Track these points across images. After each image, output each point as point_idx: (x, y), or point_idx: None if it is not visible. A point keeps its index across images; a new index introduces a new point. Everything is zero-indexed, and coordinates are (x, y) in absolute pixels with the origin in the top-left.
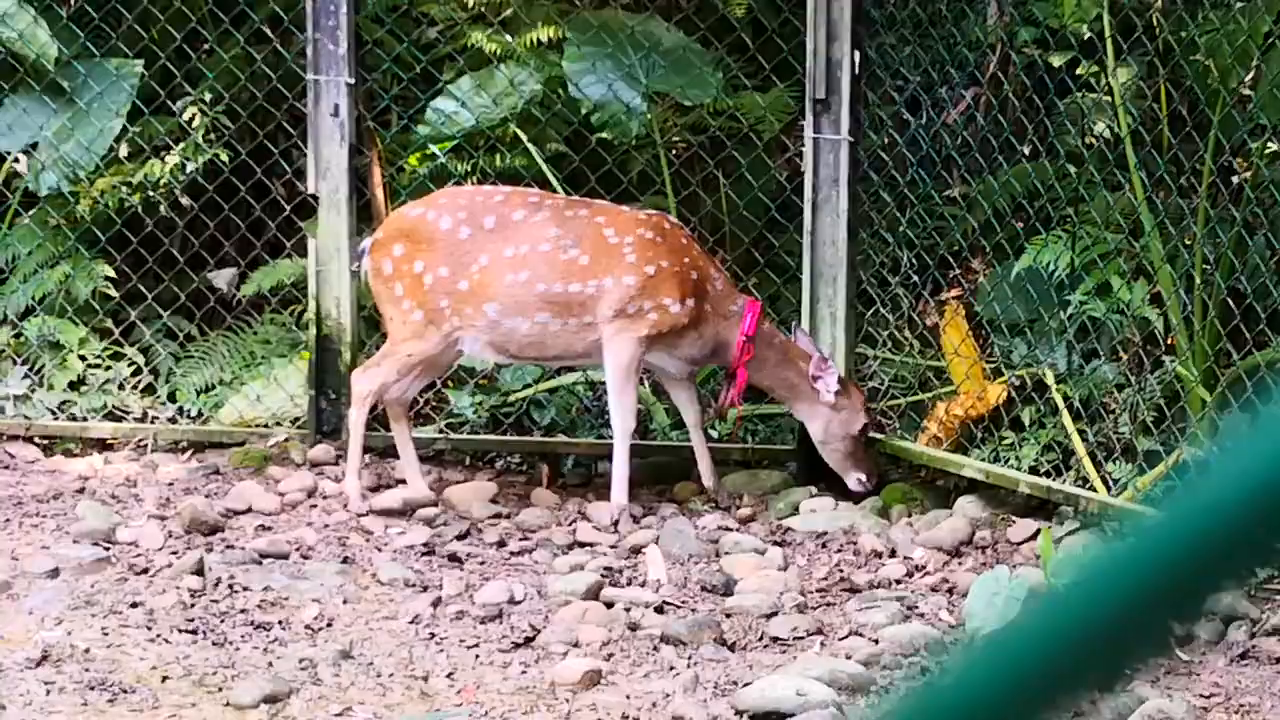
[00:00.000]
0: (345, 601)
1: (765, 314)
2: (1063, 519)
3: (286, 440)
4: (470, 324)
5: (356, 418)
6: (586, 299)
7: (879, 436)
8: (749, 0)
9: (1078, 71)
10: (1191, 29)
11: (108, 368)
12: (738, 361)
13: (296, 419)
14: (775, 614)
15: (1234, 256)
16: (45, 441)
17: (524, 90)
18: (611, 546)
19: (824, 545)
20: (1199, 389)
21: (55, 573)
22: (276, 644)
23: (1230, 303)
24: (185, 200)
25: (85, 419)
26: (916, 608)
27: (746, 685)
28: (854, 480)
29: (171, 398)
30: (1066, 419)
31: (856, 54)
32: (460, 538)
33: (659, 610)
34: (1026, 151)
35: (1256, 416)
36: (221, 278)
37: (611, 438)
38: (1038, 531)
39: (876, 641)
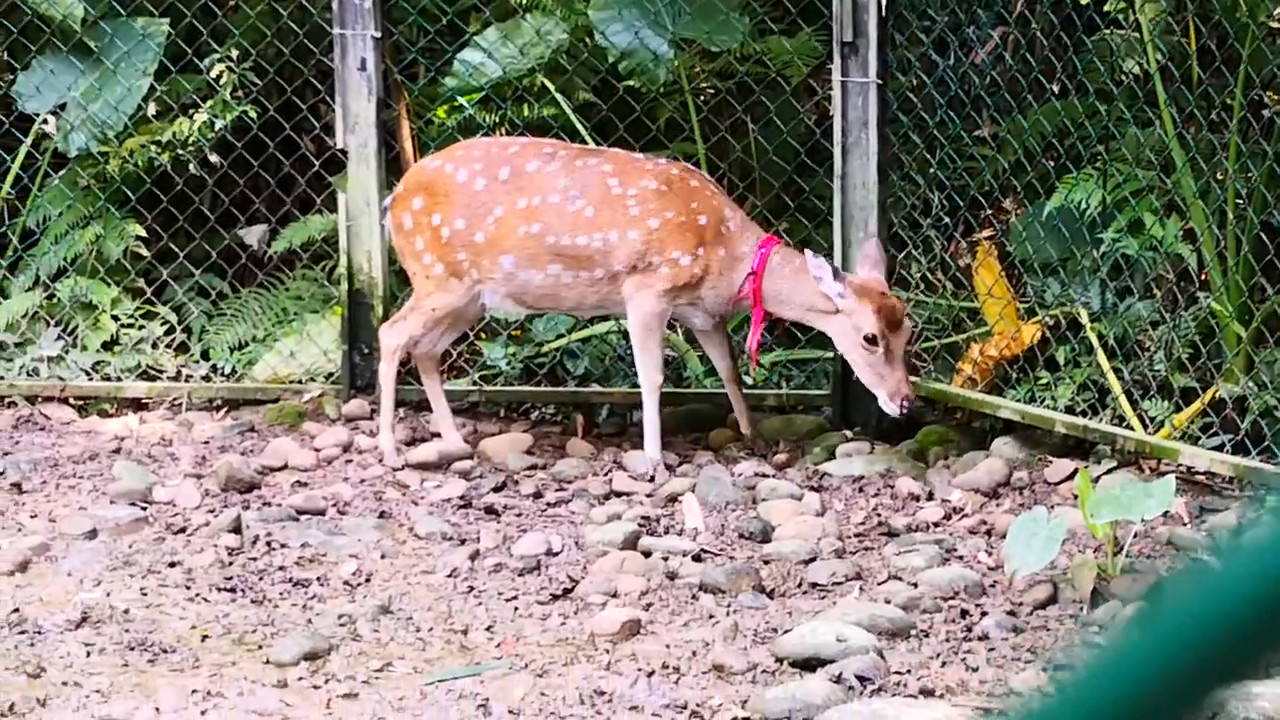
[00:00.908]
0: (383, 556)
1: (784, 245)
2: (1099, 458)
3: (321, 396)
4: (488, 276)
5: (386, 372)
6: (594, 252)
7: (915, 380)
8: None
9: (1105, 8)
10: None
11: (141, 327)
12: (752, 300)
13: (330, 374)
14: (813, 560)
15: (1266, 191)
16: (80, 402)
17: (550, 40)
18: (648, 495)
19: (861, 490)
20: (1234, 324)
21: (93, 534)
22: (315, 600)
23: (1264, 237)
24: (214, 158)
25: (119, 379)
26: (955, 550)
27: (786, 632)
28: (882, 398)
29: (205, 356)
30: (1101, 358)
31: None
32: (496, 490)
33: (697, 559)
34: (1055, 90)
35: None
36: (252, 234)
37: None
38: (1075, 471)
39: (915, 585)
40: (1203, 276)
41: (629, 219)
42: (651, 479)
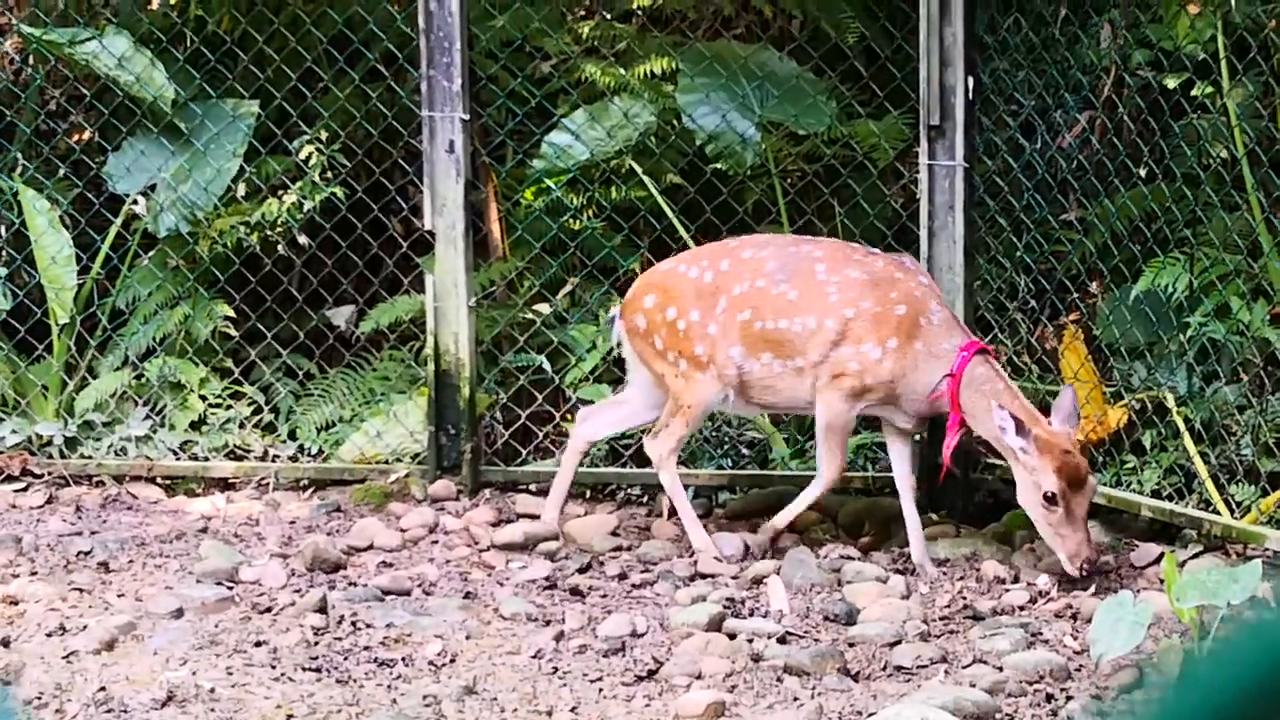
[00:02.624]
0: (468, 637)
1: (989, 356)
2: (1185, 542)
3: (407, 476)
4: (724, 371)
5: (672, 483)
6: (794, 337)
7: (998, 463)
8: (861, 28)
9: (1193, 92)
10: None
11: (228, 407)
12: (950, 404)
13: (416, 455)
14: (899, 642)
15: None
16: (167, 482)
17: (638, 122)
18: (733, 578)
19: (946, 572)
20: None
21: (179, 613)
22: (400, 681)
23: None
24: (303, 239)
25: (207, 458)
26: (1040, 634)
27: (871, 715)
28: (1062, 559)
29: (292, 436)
30: (1188, 441)
31: (970, 79)
32: (581, 571)
33: (782, 641)
34: (1143, 174)
35: None
36: (340, 315)
37: (734, 468)
38: (1161, 555)
39: (1000, 669)
40: None
41: (827, 305)
42: (743, 557)
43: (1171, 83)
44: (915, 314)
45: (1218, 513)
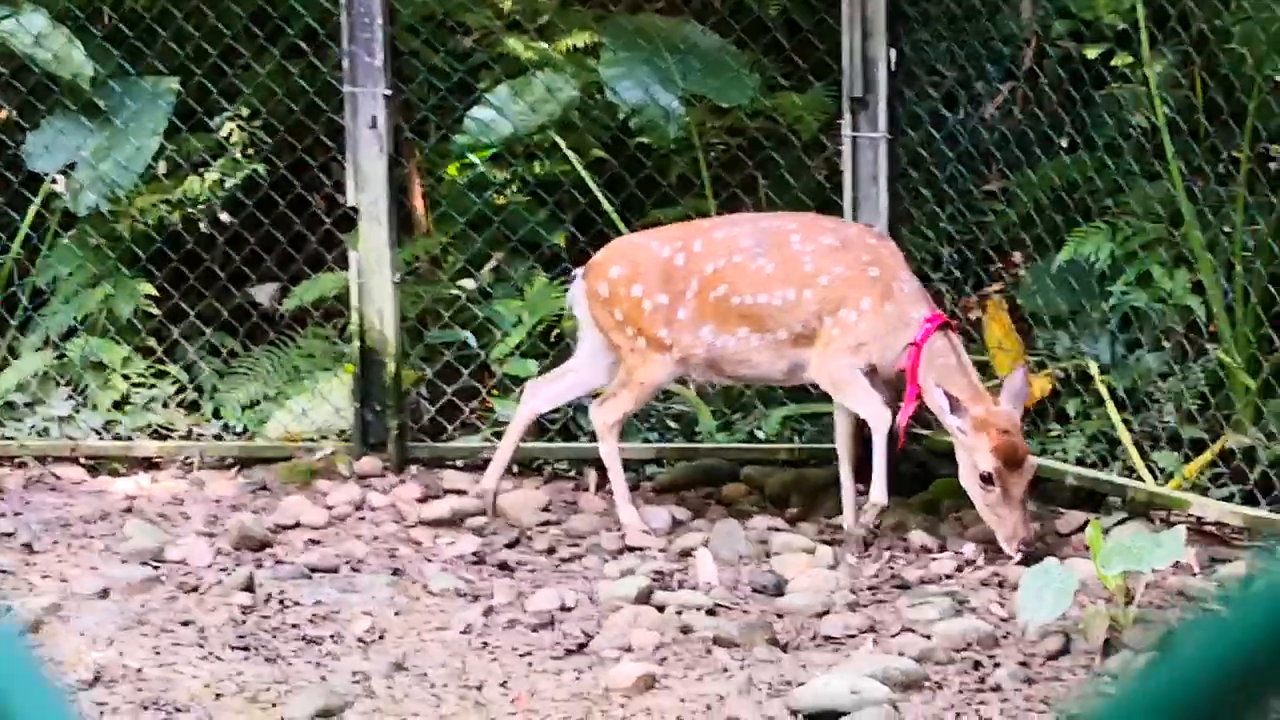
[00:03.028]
0: (397, 613)
1: (951, 331)
2: (1110, 509)
3: (333, 454)
4: (691, 350)
5: (609, 451)
6: (775, 311)
7: (925, 433)
8: (783, 1)
9: (1113, 63)
10: (1225, 17)
11: (151, 386)
12: (909, 375)
13: (342, 432)
14: (827, 613)
15: (1273, 242)
16: (91, 462)
17: (561, 96)
18: (661, 551)
19: (873, 540)
20: (1242, 375)
21: (105, 593)
22: (329, 658)
23: (1271, 289)
24: (225, 216)
25: (130, 438)
26: (967, 602)
27: (800, 685)
28: (1000, 539)
29: (216, 414)
30: (1111, 409)
31: (893, 51)
32: (510, 546)
33: (711, 613)
34: (1064, 144)
35: None
36: (263, 293)
37: (661, 441)
38: (1086, 523)
39: (929, 637)
40: (1211, 328)
41: (804, 275)
42: (875, 526)
43: (1092, 53)
44: (888, 278)
45: (1141, 480)
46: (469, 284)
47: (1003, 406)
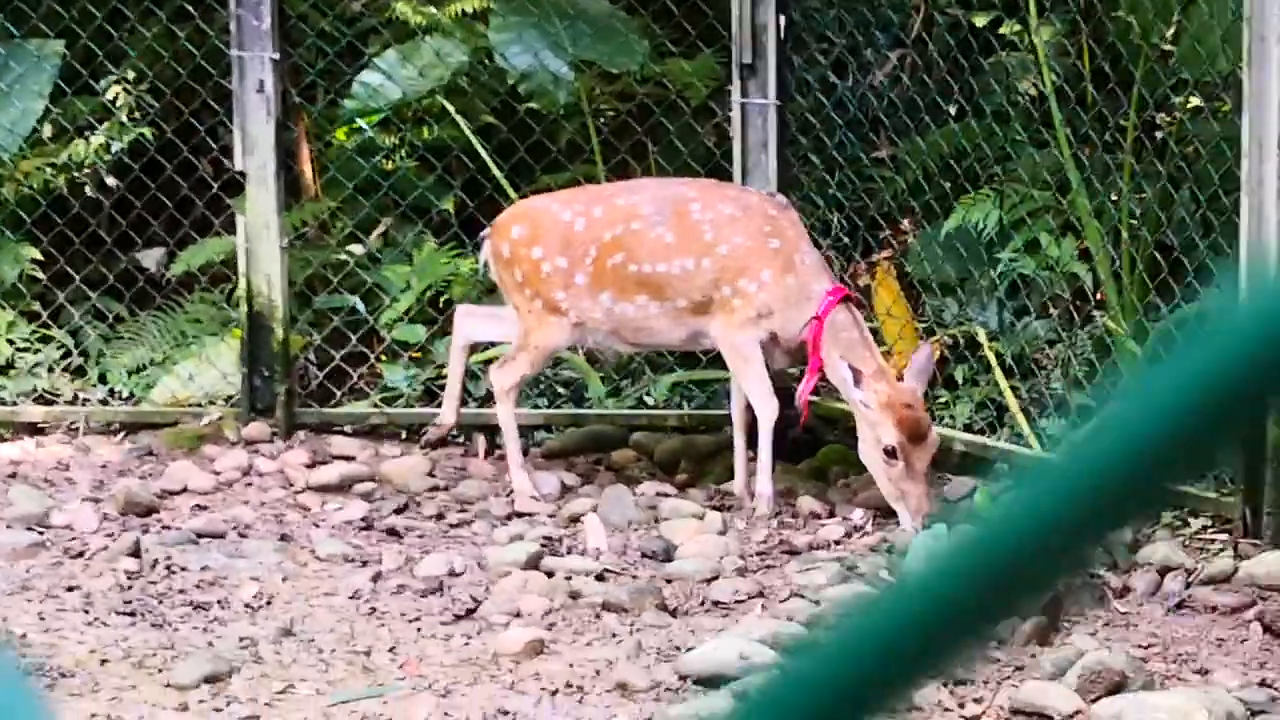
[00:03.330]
0: (284, 579)
1: (853, 304)
2: (998, 476)
3: (220, 419)
4: (590, 315)
5: (504, 414)
6: (674, 279)
7: (813, 399)
8: None
9: (1001, 30)
10: None
11: (37, 351)
12: (811, 347)
13: (230, 397)
14: (716, 578)
15: (1160, 210)
16: None
17: (450, 62)
18: (550, 516)
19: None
20: (1129, 342)
21: None
22: (216, 623)
23: (1157, 256)
24: (111, 180)
25: (15, 403)
26: (856, 568)
27: (689, 650)
28: (902, 514)
29: (103, 379)
30: (999, 376)
31: (782, 18)
32: (398, 511)
33: (600, 578)
34: (953, 111)
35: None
36: (150, 257)
37: (550, 407)
38: (974, 489)
39: (818, 603)
40: (1098, 295)
41: (703, 245)
42: (769, 515)
43: (980, 20)
44: (789, 250)
45: (1029, 446)
46: (357, 249)
47: (907, 382)
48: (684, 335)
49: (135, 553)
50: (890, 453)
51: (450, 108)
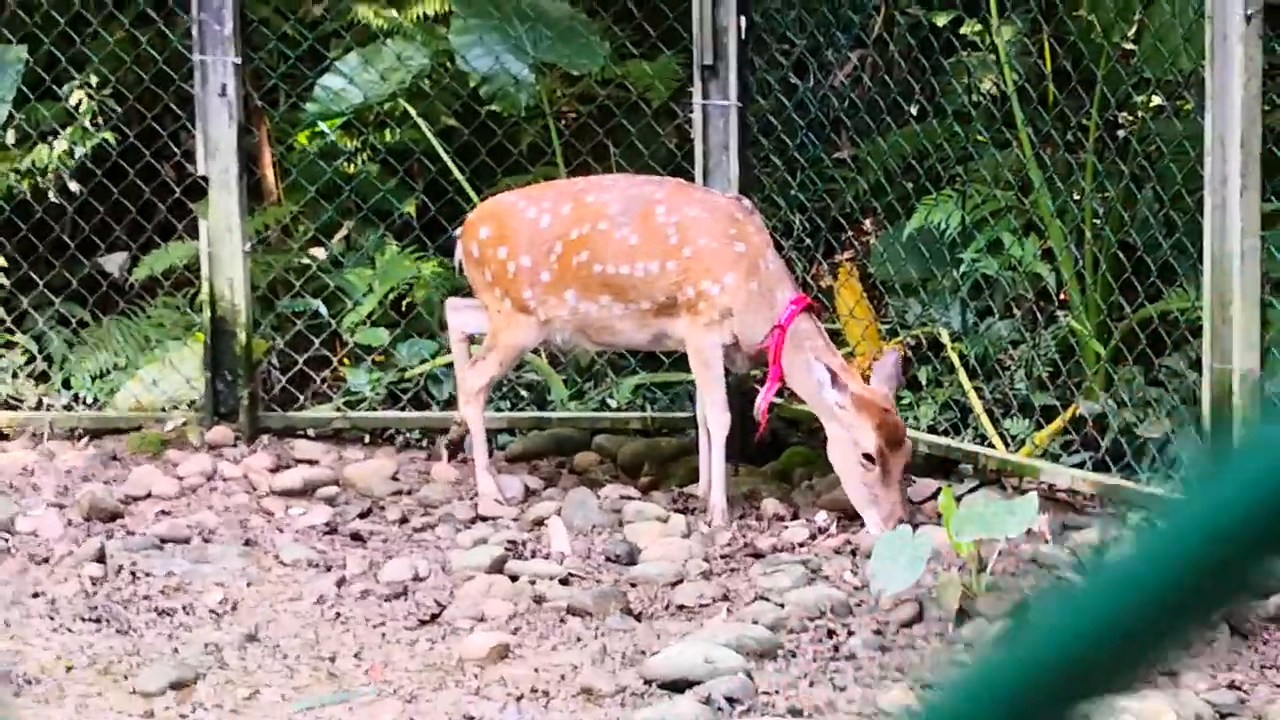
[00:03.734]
0: (249, 584)
1: (813, 314)
2: (962, 477)
3: (184, 424)
4: (556, 313)
5: (473, 415)
6: (638, 282)
7: (777, 401)
8: None
9: (962, 30)
10: None
11: (0, 357)
12: (772, 356)
13: (193, 402)
14: (680, 582)
15: (1123, 210)
16: None
17: (411, 65)
18: (514, 520)
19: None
20: (1093, 343)
21: None
22: (181, 629)
23: (1121, 256)
24: (74, 185)
25: None
26: (821, 570)
27: (654, 654)
28: (872, 519)
29: (66, 385)
30: (963, 377)
31: (743, 19)
32: (362, 516)
33: (564, 582)
34: (914, 112)
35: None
36: (113, 262)
37: (513, 410)
38: (938, 490)
39: (782, 606)
40: (1062, 295)
41: (668, 248)
42: (710, 524)
43: (941, 20)
44: (753, 255)
45: (993, 447)
46: (320, 253)
47: (876, 386)
48: (648, 337)
49: (100, 558)
50: (868, 458)
51: (412, 111)
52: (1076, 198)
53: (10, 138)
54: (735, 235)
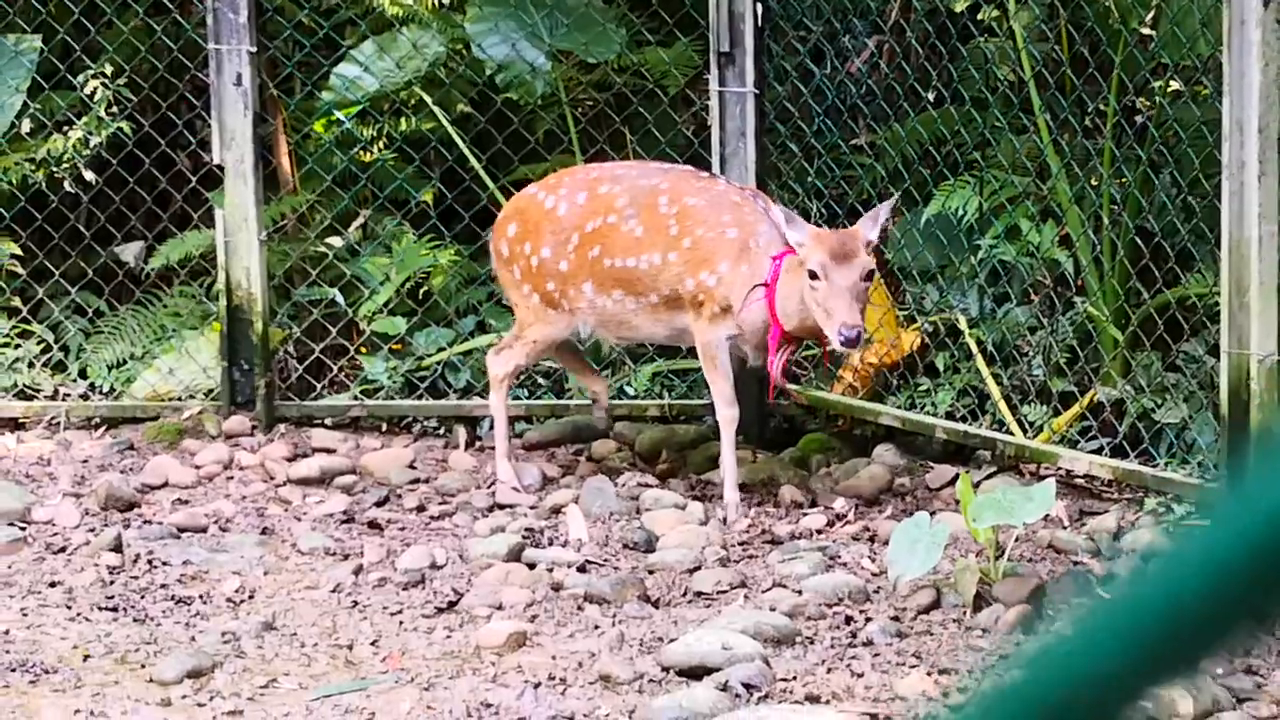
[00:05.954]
0: (266, 573)
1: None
2: (980, 463)
3: (200, 413)
4: (576, 305)
5: (496, 402)
6: (644, 275)
7: (794, 388)
8: None
9: (979, 16)
10: None
11: (16, 346)
12: (770, 317)
13: (210, 391)
14: (698, 569)
15: (1140, 195)
16: None
17: (427, 53)
18: (532, 508)
19: (744, 498)
20: (1110, 329)
21: None
22: (198, 618)
23: (1139, 241)
24: (90, 175)
25: None
26: (838, 557)
27: (672, 641)
28: (830, 334)
29: (83, 374)
30: (980, 363)
31: (759, 6)
32: (379, 504)
33: (581, 570)
34: (931, 98)
35: None
36: (129, 252)
37: (530, 399)
38: (956, 476)
39: (800, 592)
40: (1079, 281)
41: (669, 240)
42: (724, 520)
43: (958, 6)
44: (745, 238)
45: (1011, 433)
46: (336, 241)
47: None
48: (666, 331)
49: (117, 548)
50: (813, 274)
51: (428, 99)
52: (1094, 183)
53: (25, 128)
54: (729, 221)
